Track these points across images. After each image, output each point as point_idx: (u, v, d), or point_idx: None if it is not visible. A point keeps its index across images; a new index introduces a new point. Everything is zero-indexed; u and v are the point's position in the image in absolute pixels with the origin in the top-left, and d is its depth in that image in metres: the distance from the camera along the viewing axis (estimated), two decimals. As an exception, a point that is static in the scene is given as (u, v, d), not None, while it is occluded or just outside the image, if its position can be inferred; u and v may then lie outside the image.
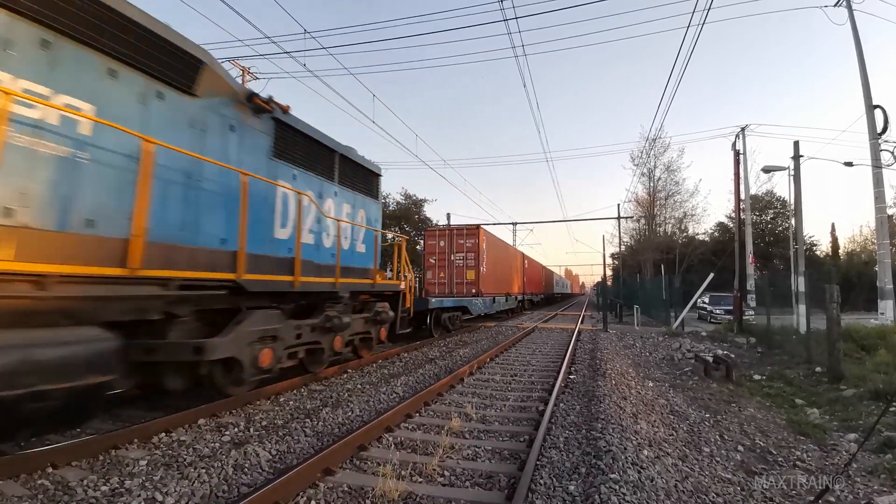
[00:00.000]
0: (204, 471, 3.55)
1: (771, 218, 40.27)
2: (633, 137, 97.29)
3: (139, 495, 3.15)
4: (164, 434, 4.50)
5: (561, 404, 5.92)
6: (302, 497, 3.27)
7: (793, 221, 18.20)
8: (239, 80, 17.73)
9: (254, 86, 18.20)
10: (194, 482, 3.37)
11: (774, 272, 28.46)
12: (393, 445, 4.36)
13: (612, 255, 46.08)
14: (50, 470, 3.56)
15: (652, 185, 36.03)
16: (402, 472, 3.66)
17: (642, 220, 38.47)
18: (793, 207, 16.35)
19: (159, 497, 3.13)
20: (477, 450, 4.27)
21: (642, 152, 35.07)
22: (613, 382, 7.07)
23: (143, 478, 3.48)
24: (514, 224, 41.55)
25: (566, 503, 3.25)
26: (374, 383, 7.09)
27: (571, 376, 7.84)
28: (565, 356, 9.45)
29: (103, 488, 3.31)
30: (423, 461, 3.91)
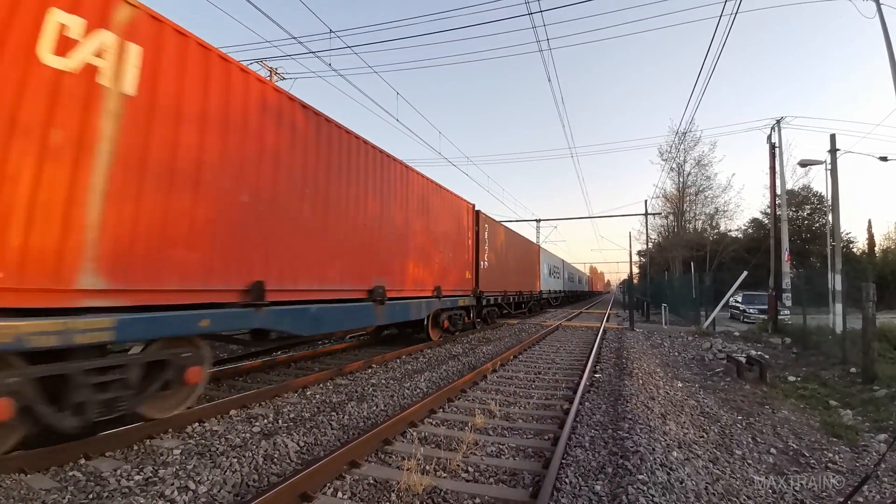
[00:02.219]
0: (235, 460, 3.65)
1: (808, 214, 38.73)
2: (662, 132, 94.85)
3: (172, 484, 3.25)
4: (197, 424, 4.66)
5: (586, 403, 5.85)
6: (329, 488, 3.33)
7: (830, 217, 17.44)
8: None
9: (280, 86, 18.53)
10: (226, 471, 3.47)
11: (811, 270, 27.38)
12: (417, 440, 4.38)
13: (640, 253, 45.19)
14: (82, 461, 3.68)
15: (681, 180, 35.13)
16: (427, 467, 3.68)
17: (671, 217, 37.56)
18: (830, 203, 15.66)
19: (192, 485, 3.23)
20: (501, 447, 4.26)
21: (671, 146, 34.20)
22: (640, 382, 6.94)
23: (177, 466, 3.60)
24: (538, 221, 41.16)
25: (592, 502, 3.21)
26: (397, 378, 7.15)
27: (597, 375, 7.73)
28: (590, 354, 9.32)
29: (137, 477, 3.43)
30: (447, 456, 3.93)
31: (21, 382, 3.27)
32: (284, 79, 18.65)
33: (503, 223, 18.07)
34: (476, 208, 13.54)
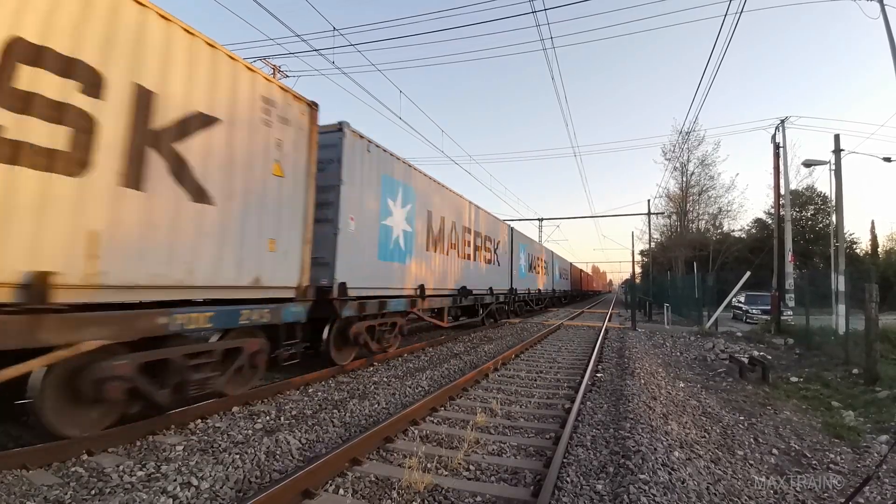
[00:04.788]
0: (238, 456, 3.66)
1: (811, 214, 38.56)
2: (665, 131, 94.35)
3: (175, 480, 3.25)
4: (199, 420, 4.67)
5: (588, 402, 5.84)
6: (331, 485, 3.34)
7: (833, 218, 17.38)
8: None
9: (285, 83, 18.56)
10: (229, 467, 3.48)
11: (814, 270, 27.28)
12: (418, 438, 4.40)
13: (642, 253, 45.11)
14: (85, 457, 3.69)
15: (685, 179, 34.97)
16: (428, 465, 3.68)
17: (674, 217, 37.43)
18: (833, 203, 15.62)
19: (195, 482, 3.24)
20: (502, 445, 4.27)
21: (675, 146, 34.08)
22: (642, 382, 6.93)
23: (180, 463, 3.61)
24: (541, 220, 41.13)
25: (594, 502, 3.21)
26: (399, 377, 7.16)
27: (598, 374, 7.73)
28: (592, 354, 9.32)
29: (139, 473, 3.44)
30: (448, 455, 3.94)
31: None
32: (288, 76, 18.66)
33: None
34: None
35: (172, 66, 4.25)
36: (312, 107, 6.26)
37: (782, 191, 17.53)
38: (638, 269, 36.38)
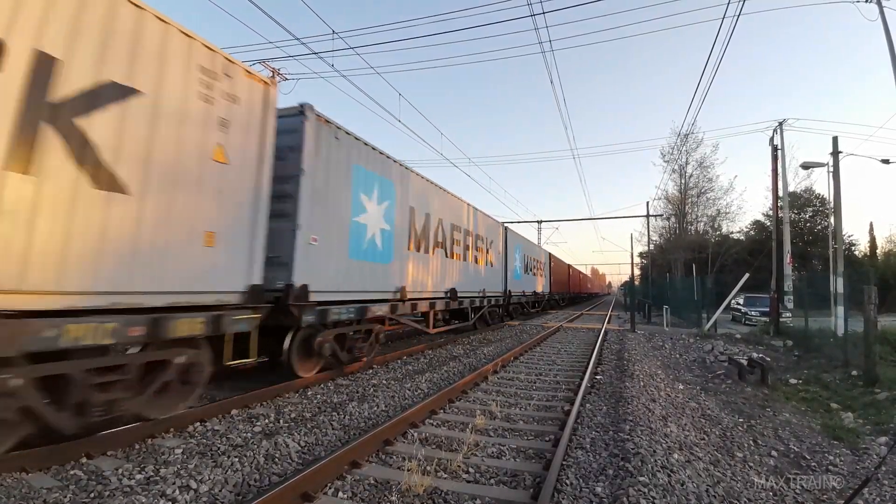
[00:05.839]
0: (237, 460, 3.66)
1: (810, 216, 38.61)
2: (664, 133, 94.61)
3: (174, 483, 3.25)
4: (198, 423, 4.67)
5: (587, 405, 5.85)
6: (330, 488, 3.34)
7: (832, 220, 17.40)
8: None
9: (283, 86, 18.54)
10: (227, 470, 3.48)
11: (813, 272, 27.34)
12: (418, 441, 4.39)
13: (641, 255, 45.16)
14: (84, 460, 3.69)
15: (683, 181, 35.01)
16: (427, 468, 3.68)
17: (672, 219, 37.46)
18: (832, 205, 15.65)
19: (194, 484, 3.24)
20: (502, 448, 4.26)
21: (673, 148, 34.16)
22: (642, 384, 6.93)
23: (178, 466, 3.60)
24: (540, 222, 41.10)
25: (593, 504, 3.21)
26: (398, 379, 7.16)
27: (598, 377, 7.73)
28: (591, 356, 9.32)
29: (138, 476, 3.43)
30: (447, 457, 3.93)
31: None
32: (287, 79, 18.69)
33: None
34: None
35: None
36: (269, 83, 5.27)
37: (780, 193, 17.58)
38: (637, 272, 36.41)
